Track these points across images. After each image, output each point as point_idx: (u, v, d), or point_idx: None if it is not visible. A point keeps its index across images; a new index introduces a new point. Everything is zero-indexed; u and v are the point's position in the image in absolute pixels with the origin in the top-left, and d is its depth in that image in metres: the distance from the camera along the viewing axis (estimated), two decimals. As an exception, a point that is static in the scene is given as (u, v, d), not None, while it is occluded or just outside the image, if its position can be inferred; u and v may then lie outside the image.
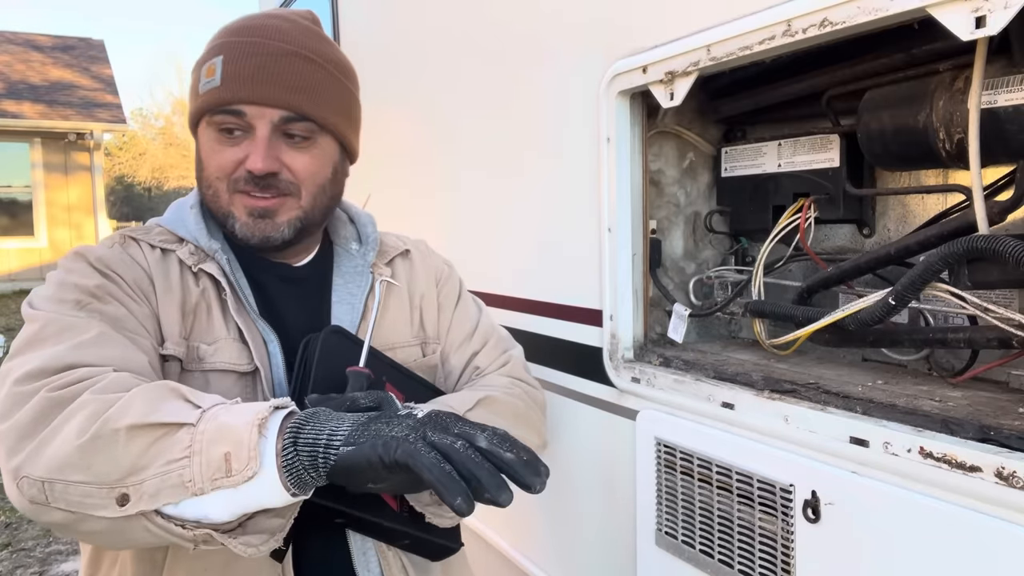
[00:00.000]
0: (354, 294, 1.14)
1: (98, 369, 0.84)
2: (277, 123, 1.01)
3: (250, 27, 1.03)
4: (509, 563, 1.83)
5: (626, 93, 1.31)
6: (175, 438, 0.76)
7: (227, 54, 1.01)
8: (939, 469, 0.84)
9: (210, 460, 0.75)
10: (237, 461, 0.75)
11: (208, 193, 1.05)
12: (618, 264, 1.35)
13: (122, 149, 28.38)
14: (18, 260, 13.65)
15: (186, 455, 0.75)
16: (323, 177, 1.07)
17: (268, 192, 1.02)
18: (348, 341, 1.04)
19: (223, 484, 0.75)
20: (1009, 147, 0.95)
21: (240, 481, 0.75)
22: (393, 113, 2.32)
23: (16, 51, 15.16)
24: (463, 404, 1.08)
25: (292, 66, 1.01)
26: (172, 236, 1.07)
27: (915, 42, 1.03)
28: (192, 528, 0.78)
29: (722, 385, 1.16)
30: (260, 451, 0.76)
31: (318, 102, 1.03)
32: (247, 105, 0.99)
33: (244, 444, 0.75)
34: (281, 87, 1.00)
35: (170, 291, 1.00)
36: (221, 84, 1.00)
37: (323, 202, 1.09)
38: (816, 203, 1.26)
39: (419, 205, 2.17)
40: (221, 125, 1.01)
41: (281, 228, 1.04)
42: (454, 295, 1.28)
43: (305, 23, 1.08)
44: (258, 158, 0.99)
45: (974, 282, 0.95)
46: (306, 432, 0.78)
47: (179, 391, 0.83)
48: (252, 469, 0.75)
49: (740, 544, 1.11)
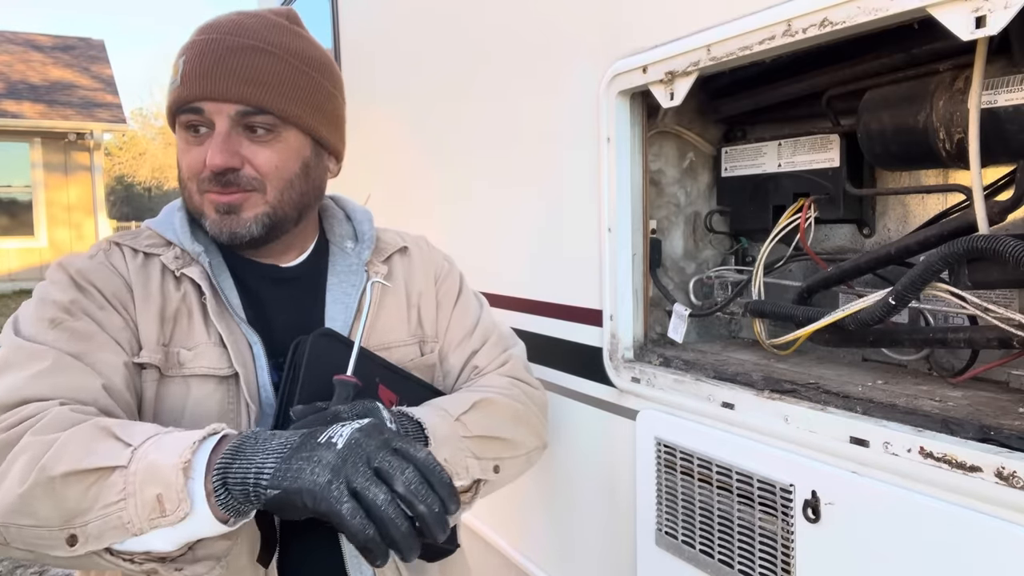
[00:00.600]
0: (348, 293, 1.13)
1: (45, 404, 0.85)
2: (235, 117, 1.00)
3: (214, 25, 1.04)
4: (509, 563, 1.83)
5: (626, 93, 1.31)
6: (109, 482, 0.78)
7: (188, 53, 1.01)
8: (939, 469, 0.84)
9: (144, 502, 0.76)
10: (169, 503, 0.76)
11: (184, 194, 1.06)
12: (618, 264, 1.35)
13: (122, 149, 28.40)
14: (18, 260, 13.65)
15: (121, 498, 0.77)
16: (290, 172, 1.05)
17: (230, 188, 1.02)
18: (339, 343, 1.02)
19: (160, 524, 0.77)
20: (1009, 147, 0.95)
21: (175, 521, 0.76)
22: (392, 113, 2.32)
23: (16, 51, 15.16)
24: (459, 407, 1.07)
25: (248, 60, 1.00)
26: (160, 239, 1.07)
27: (915, 42, 1.03)
28: (141, 561, 0.80)
29: (722, 385, 1.16)
30: (189, 492, 0.77)
31: (278, 95, 1.02)
32: (204, 102, 0.99)
33: (172, 487, 0.76)
34: (236, 80, 0.99)
35: (149, 298, 1.00)
36: (181, 83, 1.00)
37: (292, 197, 1.06)
38: (816, 203, 1.26)
39: (419, 205, 2.17)
40: (187, 124, 1.02)
41: (248, 224, 1.03)
42: (454, 292, 1.26)
43: (275, 18, 1.06)
44: (215, 153, 0.99)
45: (974, 282, 0.95)
46: (233, 471, 0.78)
47: (109, 429, 0.83)
48: (184, 511, 0.76)
49: (740, 544, 1.11)
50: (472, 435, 1.05)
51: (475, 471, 1.05)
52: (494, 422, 1.10)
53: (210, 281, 1.03)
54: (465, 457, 1.03)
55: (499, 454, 1.09)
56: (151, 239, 1.07)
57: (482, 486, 1.09)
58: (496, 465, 1.09)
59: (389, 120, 2.32)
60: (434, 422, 1.01)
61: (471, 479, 1.05)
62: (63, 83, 14.64)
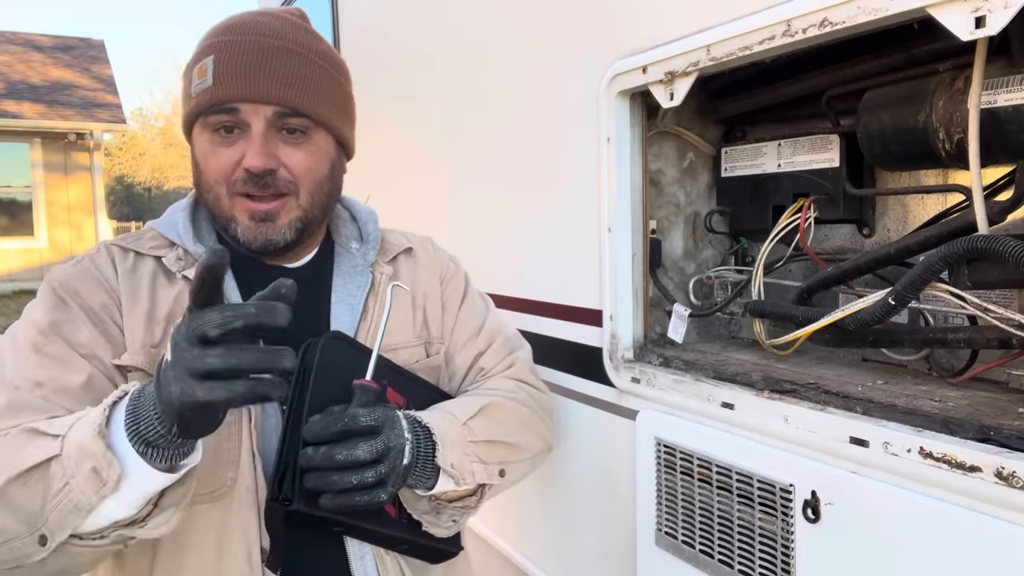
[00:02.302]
0: (353, 294, 1.12)
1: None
2: (271, 119, 1.00)
3: (239, 25, 1.03)
4: (509, 563, 1.83)
5: (626, 93, 1.31)
6: (49, 473, 0.80)
7: (218, 54, 1.00)
8: (939, 469, 0.84)
9: (85, 478, 0.78)
10: (103, 471, 0.78)
11: (209, 198, 1.04)
12: (618, 264, 1.35)
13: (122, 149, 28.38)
14: (18, 260, 13.65)
15: (64, 483, 0.79)
16: (320, 174, 1.06)
17: (267, 192, 1.01)
18: (350, 347, 1.02)
19: (106, 492, 0.78)
20: (1009, 147, 0.95)
21: (114, 484, 0.78)
22: (392, 113, 2.32)
23: (16, 51, 15.16)
24: (466, 411, 1.07)
25: (284, 61, 1.01)
26: (164, 240, 1.06)
27: (915, 42, 1.03)
28: (110, 534, 0.82)
29: (722, 385, 1.16)
30: (116, 453, 0.78)
31: (311, 97, 1.02)
32: (241, 102, 0.99)
33: (98, 455, 0.78)
34: (274, 82, 0.99)
35: (137, 301, 1.00)
36: (214, 84, 0.99)
37: (321, 200, 1.07)
38: (816, 203, 1.26)
39: (418, 205, 2.17)
40: (216, 125, 1.00)
41: (283, 231, 1.03)
42: (459, 293, 1.26)
43: (296, 20, 1.07)
44: (255, 155, 0.98)
45: (974, 282, 0.95)
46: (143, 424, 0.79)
47: (36, 429, 0.84)
48: (116, 471, 0.78)
49: (740, 544, 1.11)
50: (479, 440, 1.05)
51: (481, 476, 1.05)
52: (500, 427, 1.10)
53: None
54: (471, 462, 1.03)
55: (505, 458, 1.10)
56: (154, 240, 1.06)
57: (487, 490, 1.09)
58: (502, 469, 1.09)
59: (388, 120, 2.32)
60: (442, 427, 1.01)
61: (476, 484, 1.05)
62: (63, 83, 14.65)
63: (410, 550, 1.07)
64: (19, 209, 13.86)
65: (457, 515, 1.07)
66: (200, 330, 0.73)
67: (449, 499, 1.06)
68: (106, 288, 1.00)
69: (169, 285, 1.03)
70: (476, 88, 1.84)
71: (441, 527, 1.05)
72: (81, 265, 1.02)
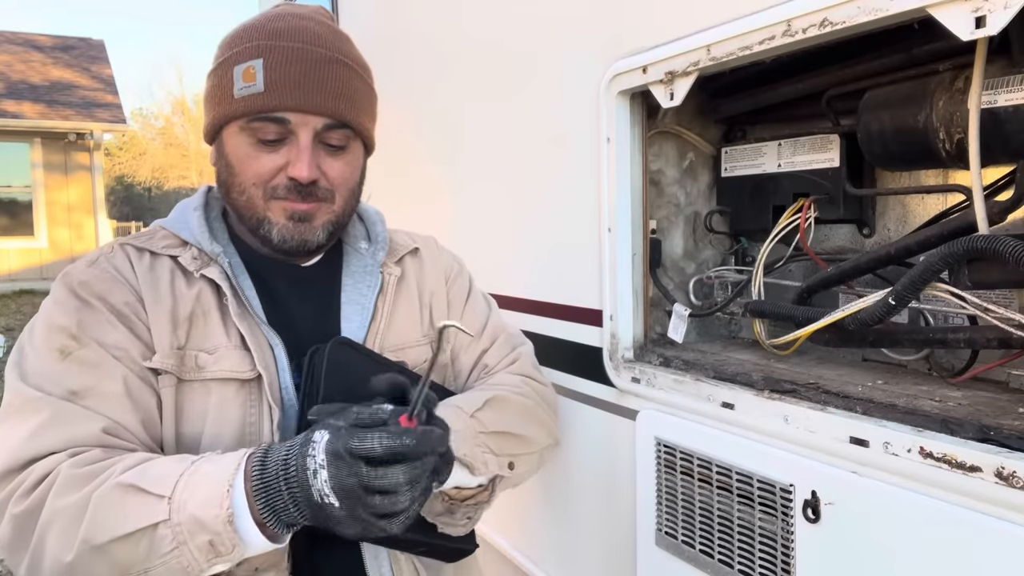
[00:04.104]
0: (364, 294, 1.13)
1: (54, 460, 0.87)
2: (319, 130, 1.01)
3: (287, 31, 1.01)
4: (509, 563, 1.83)
5: (626, 93, 1.31)
6: (157, 535, 0.82)
7: (268, 58, 0.99)
8: (939, 469, 0.84)
9: (198, 547, 0.82)
10: (223, 546, 0.82)
11: (241, 200, 1.03)
12: (618, 264, 1.35)
13: (122, 149, 28.37)
14: (18, 260, 13.64)
15: (174, 547, 0.82)
16: (354, 181, 1.09)
17: (309, 199, 1.03)
18: (357, 353, 1.02)
19: (218, 562, 0.83)
20: (1009, 147, 0.95)
21: (235, 559, 0.83)
22: (392, 113, 2.31)
23: (16, 51, 15.16)
24: (472, 404, 1.08)
25: (334, 73, 1.01)
26: (176, 240, 1.05)
27: (915, 42, 1.03)
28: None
29: (722, 385, 1.16)
30: (240, 533, 0.82)
31: (355, 108, 1.04)
32: (292, 112, 0.99)
33: (222, 535, 0.81)
34: (326, 95, 1.00)
35: (159, 301, 0.99)
36: (265, 90, 0.98)
37: (352, 204, 1.10)
38: (816, 203, 1.26)
39: (418, 204, 2.17)
40: (260, 132, 1.00)
41: (317, 232, 1.05)
42: (464, 292, 1.27)
43: (333, 25, 1.08)
44: (304, 166, 1.00)
45: (974, 282, 0.95)
46: (279, 511, 0.82)
47: (133, 485, 0.84)
48: (240, 552, 0.83)
49: (740, 544, 1.11)
50: (488, 431, 1.06)
51: (493, 467, 1.06)
52: (507, 419, 1.11)
53: (230, 282, 1.02)
54: (483, 452, 1.04)
55: (513, 450, 1.10)
56: (166, 239, 1.05)
57: (499, 483, 1.09)
58: (511, 462, 1.10)
59: (388, 120, 2.32)
60: (450, 420, 1.01)
61: (490, 474, 1.06)
62: (63, 83, 14.64)
63: (428, 552, 1.07)
64: (19, 209, 13.85)
65: (471, 512, 1.08)
66: (369, 452, 0.78)
67: (462, 498, 1.06)
68: (129, 288, 0.99)
69: (187, 284, 1.02)
70: (476, 88, 1.84)
71: (456, 526, 1.06)
72: (99, 266, 1.01)
